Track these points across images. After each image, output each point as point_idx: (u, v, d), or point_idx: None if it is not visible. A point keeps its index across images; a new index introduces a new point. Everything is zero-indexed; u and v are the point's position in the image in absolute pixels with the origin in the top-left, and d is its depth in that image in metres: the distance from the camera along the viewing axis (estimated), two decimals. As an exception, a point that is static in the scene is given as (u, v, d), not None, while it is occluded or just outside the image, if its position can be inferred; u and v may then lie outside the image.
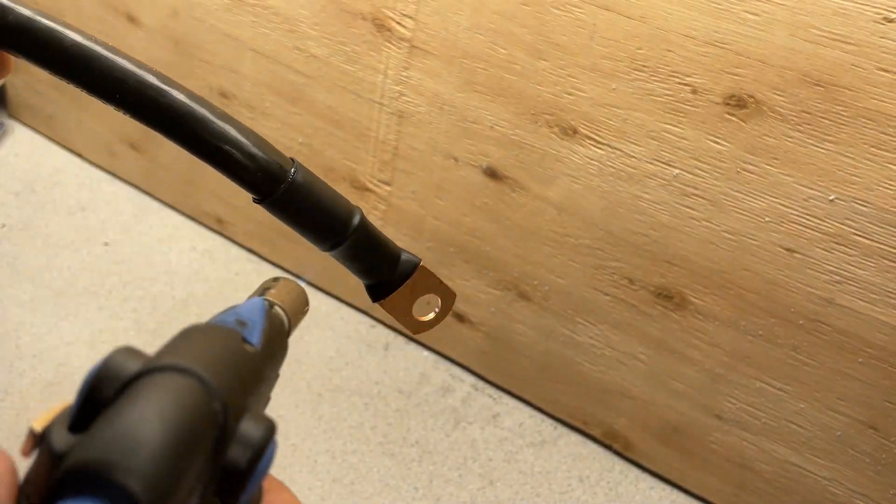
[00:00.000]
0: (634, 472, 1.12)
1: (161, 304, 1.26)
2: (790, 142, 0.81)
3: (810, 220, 0.84)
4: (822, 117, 0.78)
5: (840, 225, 0.82)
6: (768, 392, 0.95)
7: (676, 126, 0.86)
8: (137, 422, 0.22)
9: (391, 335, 1.27)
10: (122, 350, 0.25)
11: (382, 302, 0.40)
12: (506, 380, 1.19)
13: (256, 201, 0.36)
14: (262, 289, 0.39)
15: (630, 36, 0.85)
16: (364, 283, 0.41)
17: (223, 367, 0.26)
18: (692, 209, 0.90)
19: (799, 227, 0.85)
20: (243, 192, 0.36)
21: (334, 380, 1.19)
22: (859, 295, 0.84)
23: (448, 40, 0.97)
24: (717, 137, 0.85)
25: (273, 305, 0.37)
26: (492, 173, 1.02)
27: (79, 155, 1.50)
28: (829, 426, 0.93)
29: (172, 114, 0.34)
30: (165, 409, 0.22)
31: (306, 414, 1.14)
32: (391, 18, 1.00)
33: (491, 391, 1.20)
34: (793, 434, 0.96)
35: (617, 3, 0.84)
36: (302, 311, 0.39)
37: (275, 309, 0.37)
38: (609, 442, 1.14)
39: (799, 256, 0.86)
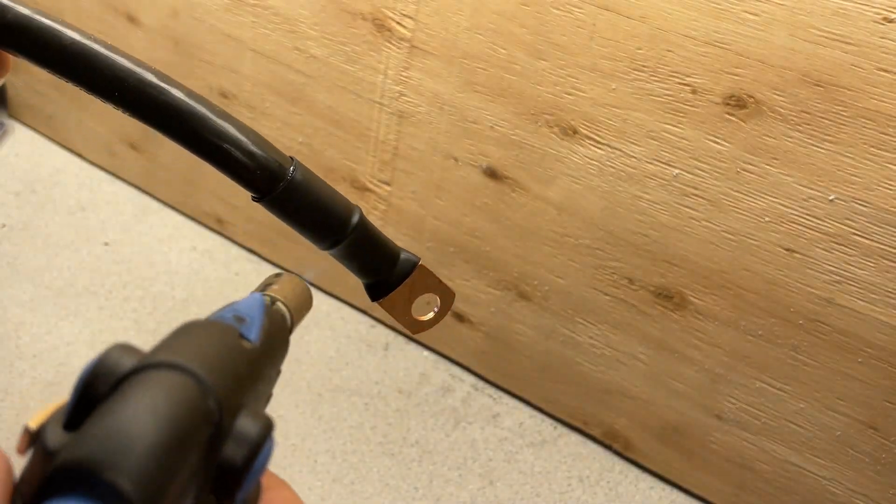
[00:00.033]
0: (634, 472, 1.12)
1: (161, 304, 1.26)
2: (790, 142, 0.81)
3: (810, 220, 0.84)
4: (822, 117, 0.78)
5: (840, 225, 0.82)
6: (768, 392, 0.95)
7: (676, 126, 0.86)
8: (129, 419, 0.21)
9: (391, 335, 1.27)
10: (118, 347, 0.25)
11: (381, 301, 0.40)
12: (506, 380, 1.19)
13: (255, 199, 0.36)
14: (265, 284, 0.38)
15: (630, 36, 0.85)
16: (363, 282, 0.41)
17: (219, 364, 0.25)
18: (692, 209, 0.90)
19: (799, 227, 0.85)
20: (243, 192, 0.36)
21: (334, 380, 1.19)
22: (859, 295, 0.84)
23: (448, 40, 0.97)
24: (717, 137, 0.85)
25: (275, 302, 0.37)
26: (492, 173, 1.02)
27: (79, 155, 1.50)
28: (829, 426, 0.93)
29: (172, 112, 0.34)
30: (158, 406, 0.22)
31: (306, 414, 1.14)
32: (391, 18, 1.00)
33: (491, 391, 1.20)
34: (793, 434, 0.96)
35: (617, 3, 0.84)
36: (305, 308, 0.39)
37: (277, 305, 0.37)
38: (609, 442, 1.14)
39: (799, 256, 0.86)
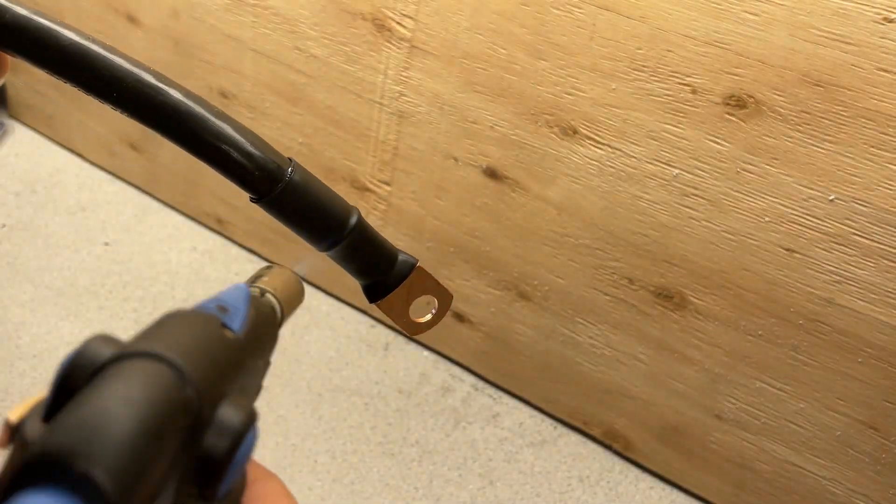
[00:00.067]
0: (634, 472, 1.12)
1: (161, 304, 1.26)
2: (790, 142, 0.81)
3: (810, 220, 0.83)
4: (822, 117, 0.78)
5: (840, 225, 0.82)
6: (768, 392, 0.95)
7: (676, 126, 0.86)
8: (103, 408, 0.21)
9: (391, 335, 1.27)
10: (97, 337, 0.24)
11: (379, 303, 0.40)
12: (506, 380, 1.19)
13: (253, 200, 0.36)
14: (255, 276, 0.38)
15: (630, 36, 0.84)
16: (361, 284, 0.41)
17: (199, 353, 0.25)
18: (692, 209, 0.90)
19: (799, 227, 0.84)
20: (244, 193, 0.36)
21: (334, 380, 1.19)
22: (859, 295, 0.84)
23: (448, 40, 0.97)
24: (717, 137, 0.84)
25: (264, 293, 0.36)
26: (492, 173, 1.02)
27: (79, 155, 1.50)
28: (829, 426, 0.93)
29: (170, 113, 0.34)
30: (133, 395, 0.22)
31: (306, 414, 1.14)
32: (391, 18, 1.00)
33: (491, 391, 1.20)
34: (793, 434, 0.96)
35: (617, 3, 0.84)
36: (296, 300, 0.38)
37: (266, 297, 0.36)
38: (609, 442, 1.14)
39: (799, 256, 0.86)
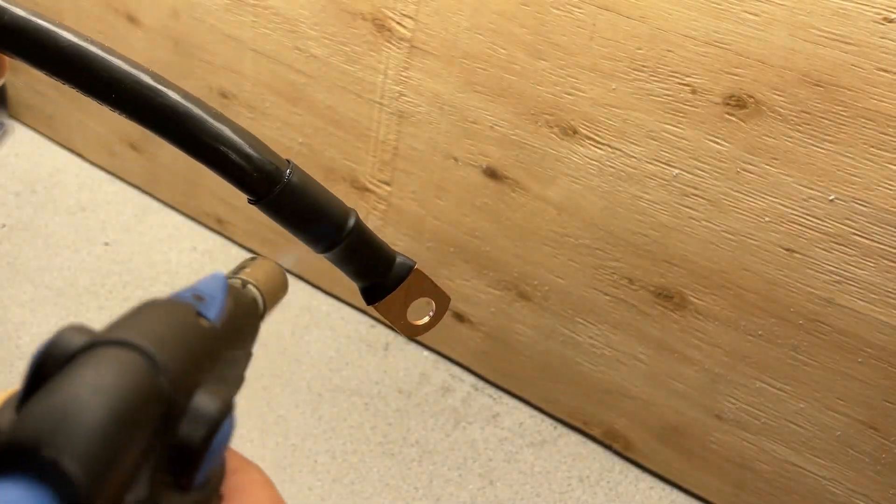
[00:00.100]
0: (634, 472, 1.12)
1: (161, 304, 1.26)
2: (790, 142, 0.81)
3: (810, 220, 0.83)
4: (822, 117, 0.78)
5: (840, 225, 0.82)
6: (768, 392, 0.95)
7: (676, 126, 0.86)
8: (73, 396, 0.21)
9: (391, 335, 1.27)
10: (71, 327, 0.24)
11: (377, 305, 0.40)
12: (506, 380, 1.19)
13: (251, 202, 0.36)
14: (238, 268, 0.38)
15: (630, 36, 0.84)
16: (358, 286, 0.41)
17: (172, 341, 0.24)
18: (692, 209, 0.90)
19: (799, 227, 0.84)
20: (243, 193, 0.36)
21: (334, 380, 1.19)
22: (859, 295, 0.84)
23: (448, 40, 0.97)
24: (717, 137, 0.84)
25: (246, 284, 0.36)
26: (492, 173, 1.02)
27: (79, 155, 1.50)
28: (829, 426, 0.93)
29: (168, 114, 0.34)
30: (103, 383, 0.21)
31: (306, 414, 1.14)
32: (391, 18, 1.00)
33: (491, 391, 1.20)
34: (793, 434, 0.96)
35: (617, 3, 0.84)
36: (279, 292, 0.38)
37: (248, 288, 0.36)
38: (609, 442, 1.14)
39: (799, 256, 0.86)
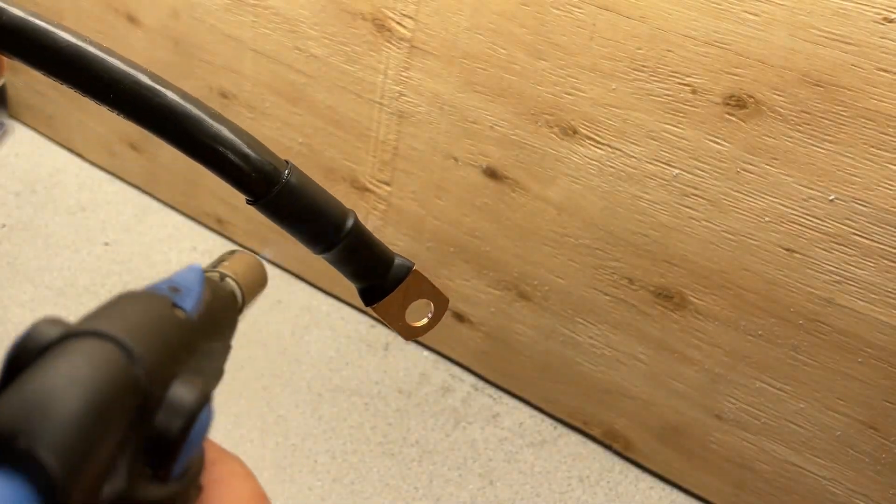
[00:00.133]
0: (634, 472, 1.12)
1: (161, 304, 1.26)
2: (790, 142, 0.81)
3: (810, 220, 0.83)
4: (822, 117, 0.78)
5: (840, 225, 0.82)
6: (768, 392, 0.95)
7: (676, 126, 0.86)
8: (46, 386, 0.21)
9: (391, 335, 1.27)
10: (46, 320, 0.24)
11: (375, 306, 0.40)
12: (506, 380, 1.19)
13: (250, 202, 0.36)
14: (217, 261, 0.38)
15: (630, 36, 0.84)
16: (356, 287, 0.41)
17: (147, 331, 0.24)
18: (692, 209, 0.90)
19: (799, 227, 0.84)
20: (243, 193, 0.36)
21: (334, 380, 1.19)
22: (859, 295, 0.84)
23: (448, 40, 0.97)
24: (717, 137, 0.84)
25: (224, 277, 0.36)
26: (492, 173, 1.02)
27: (79, 155, 1.50)
28: (829, 426, 0.93)
29: (166, 114, 0.34)
30: (77, 373, 0.21)
31: (306, 414, 1.14)
32: (391, 18, 1.00)
33: (491, 391, 1.20)
34: (793, 434, 0.96)
35: (617, 3, 0.84)
36: (258, 285, 0.38)
37: (226, 281, 0.36)
38: (609, 442, 1.14)
39: (799, 256, 0.86)
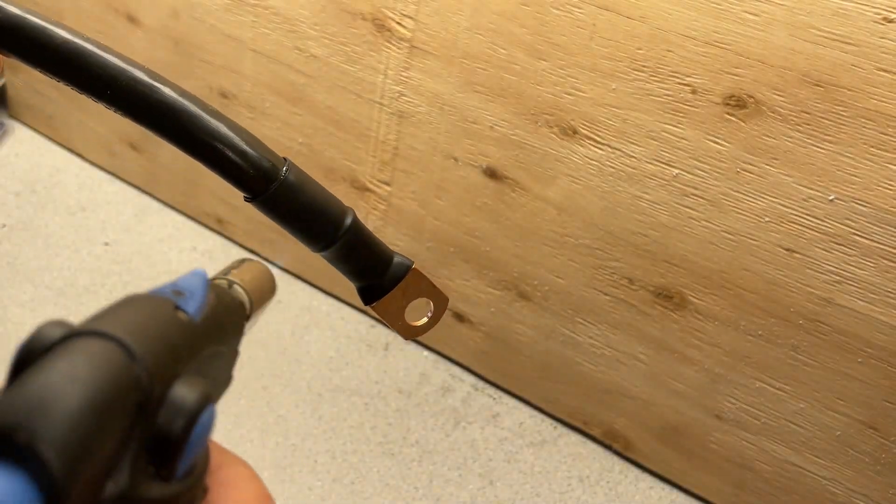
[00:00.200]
0: (634, 472, 1.12)
1: (161, 304, 1.26)
2: (790, 142, 0.81)
3: (810, 220, 0.83)
4: (822, 117, 0.78)
5: (840, 225, 0.82)
6: (768, 392, 0.95)
7: (676, 126, 0.86)
8: (48, 384, 0.21)
9: (391, 335, 1.27)
10: (51, 322, 0.24)
11: (374, 305, 0.40)
12: (506, 380, 1.19)
13: (248, 200, 0.36)
14: (226, 269, 0.38)
15: (630, 36, 0.84)
16: (356, 286, 0.41)
17: (149, 332, 0.25)
18: (692, 209, 0.90)
19: (799, 227, 0.84)
20: (243, 192, 0.36)
21: (334, 380, 1.19)
22: (859, 295, 0.84)
23: (448, 40, 0.97)
24: (717, 137, 0.84)
25: (232, 284, 0.36)
26: (492, 173, 1.02)
27: (79, 155, 1.50)
28: (829, 426, 0.93)
29: (164, 111, 0.34)
30: (79, 371, 0.22)
31: (306, 414, 1.14)
32: (391, 18, 1.00)
33: (491, 391, 1.20)
34: (792, 434, 0.96)
35: (617, 3, 0.84)
36: (267, 293, 0.39)
37: (234, 288, 0.36)
38: (609, 442, 1.14)
39: (799, 256, 0.86)
